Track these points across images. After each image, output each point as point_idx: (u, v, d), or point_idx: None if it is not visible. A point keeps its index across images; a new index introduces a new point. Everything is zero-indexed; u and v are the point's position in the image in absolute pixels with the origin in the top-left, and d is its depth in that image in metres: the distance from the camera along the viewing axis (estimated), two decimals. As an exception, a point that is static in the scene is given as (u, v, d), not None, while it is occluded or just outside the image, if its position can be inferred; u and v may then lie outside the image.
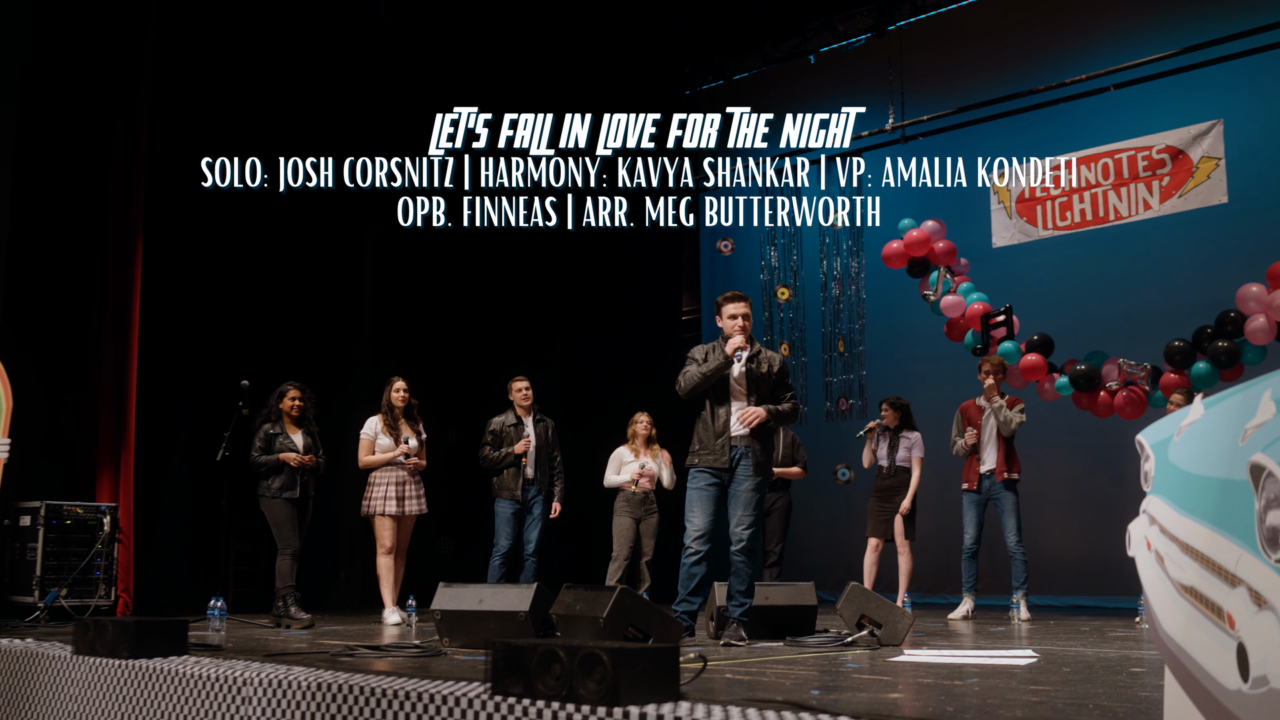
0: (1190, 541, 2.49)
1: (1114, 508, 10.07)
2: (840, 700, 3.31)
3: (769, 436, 5.95)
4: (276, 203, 9.73)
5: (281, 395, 7.74)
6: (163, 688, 4.20)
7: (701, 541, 5.73)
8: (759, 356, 5.94)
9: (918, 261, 10.19)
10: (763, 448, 5.85)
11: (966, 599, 8.38)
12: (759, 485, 5.83)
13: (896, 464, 8.80)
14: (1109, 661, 4.76)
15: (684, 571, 5.72)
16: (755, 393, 5.88)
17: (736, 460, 5.83)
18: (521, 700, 3.14)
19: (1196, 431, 2.64)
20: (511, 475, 8.20)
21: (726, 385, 5.90)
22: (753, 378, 5.88)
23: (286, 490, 7.53)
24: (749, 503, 5.77)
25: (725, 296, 6.07)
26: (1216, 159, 9.74)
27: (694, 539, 5.74)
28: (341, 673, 3.90)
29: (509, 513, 8.18)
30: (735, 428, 5.82)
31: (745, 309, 5.98)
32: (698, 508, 5.79)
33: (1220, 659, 2.32)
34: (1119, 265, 10.35)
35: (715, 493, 5.80)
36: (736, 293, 6.09)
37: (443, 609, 5.60)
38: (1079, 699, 3.38)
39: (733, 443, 5.82)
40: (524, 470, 8.21)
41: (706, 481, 5.81)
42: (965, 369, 10.07)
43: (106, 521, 8.03)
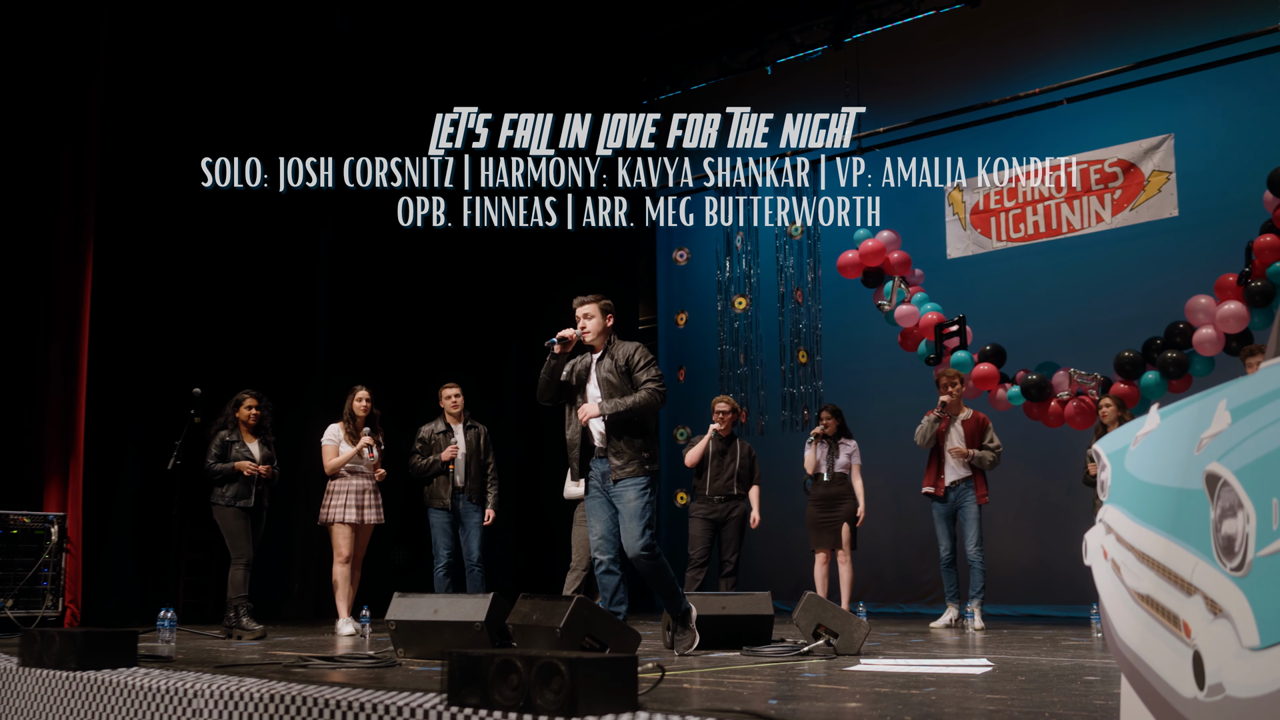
0: (1146, 550, 2.51)
1: (1066, 518, 10.18)
2: (798, 710, 3.30)
3: (631, 433, 5.61)
4: (230, 208, 9.64)
5: (238, 404, 7.64)
6: (111, 700, 4.12)
7: (603, 551, 5.64)
8: (607, 353, 5.72)
9: (873, 271, 10.26)
10: (618, 450, 5.57)
11: (950, 608, 8.46)
12: (638, 488, 5.53)
13: (836, 471, 8.81)
14: (1063, 670, 4.79)
15: (597, 581, 5.69)
16: (606, 392, 5.64)
17: (605, 473, 5.65)
18: (478, 711, 3.11)
19: (1153, 441, 2.66)
20: (441, 484, 8.08)
21: (584, 391, 5.75)
22: (601, 377, 5.68)
23: (241, 499, 7.43)
24: (632, 513, 5.51)
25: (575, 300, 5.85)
26: (1167, 173, 9.89)
27: (595, 549, 5.69)
28: (295, 684, 3.85)
29: (443, 522, 8.08)
30: (595, 439, 5.69)
31: (588, 309, 5.76)
32: (592, 518, 5.72)
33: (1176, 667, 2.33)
34: (1071, 277, 10.48)
35: (604, 499, 5.66)
36: (587, 296, 5.84)
37: (398, 619, 5.55)
38: (1035, 707, 3.40)
39: (596, 452, 5.69)
40: (453, 478, 8.11)
41: (592, 492, 5.73)
42: (921, 379, 10.15)
43: (54, 531, 7.90)
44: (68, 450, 8.32)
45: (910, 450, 9.16)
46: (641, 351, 5.75)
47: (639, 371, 5.64)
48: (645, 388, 5.60)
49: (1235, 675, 1.63)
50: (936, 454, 8.49)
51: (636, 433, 5.64)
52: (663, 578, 5.65)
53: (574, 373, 5.81)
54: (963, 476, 8.35)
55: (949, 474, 8.40)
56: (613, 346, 5.76)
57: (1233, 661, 1.65)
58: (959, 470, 8.37)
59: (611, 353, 5.73)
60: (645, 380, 5.63)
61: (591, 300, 5.80)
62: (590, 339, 5.76)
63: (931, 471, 8.51)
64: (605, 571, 5.65)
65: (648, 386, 5.61)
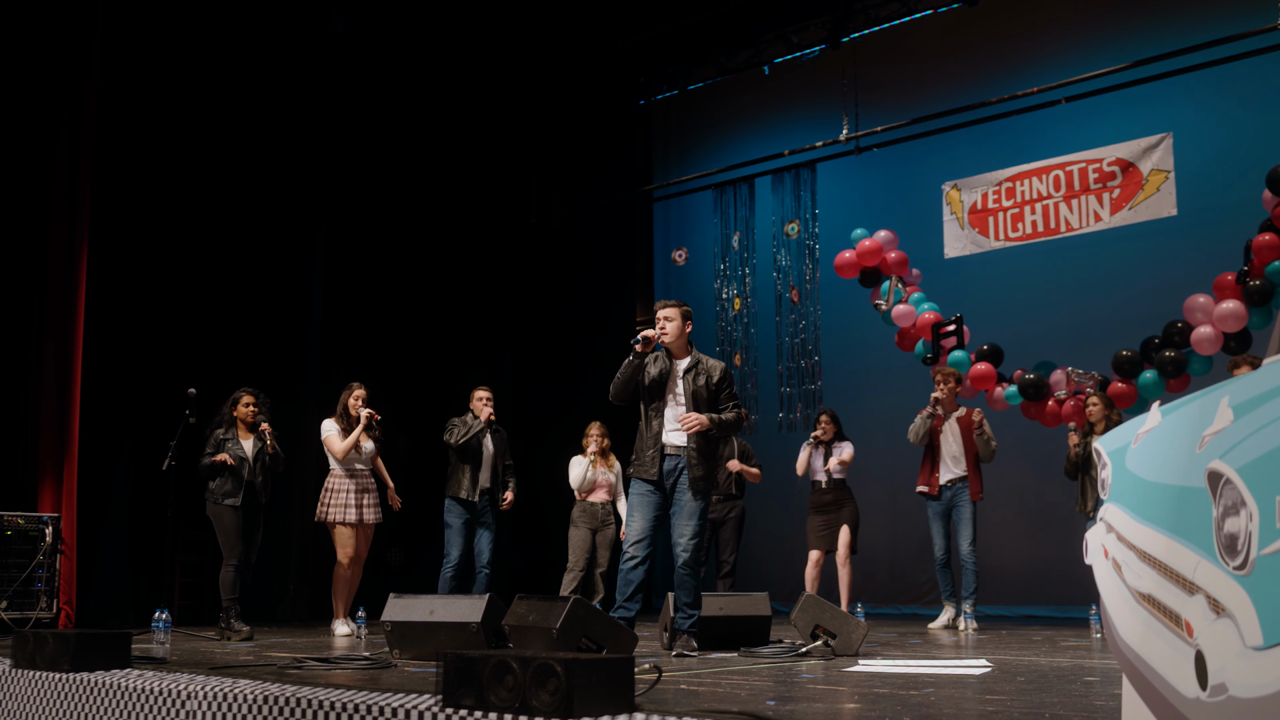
0: (1148, 549, 2.48)
1: (1062, 518, 10.15)
2: (796, 711, 3.28)
3: (711, 445, 5.86)
4: (225, 204, 9.63)
5: (235, 401, 7.62)
6: (105, 701, 4.10)
7: (639, 547, 5.70)
8: (699, 367, 5.88)
9: (870, 271, 10.24)
10: (702, 457, 5.76)
11: (947, 608, 8.42)
12: (701, 496, 5.75)
13: (833, 477, 8.77)
14: (1063, 671, 4.76)
15: (621, 577, 5.72)
16: (694, 402, 5.81)
17: (674, 471, 5.78)
18: (474, 712, 3.09)
19: (1154, 439, 2.63)
20: (467, 472, 8.11)
21: (663, 393, 5.86)
22: (692, 387, 5.82)
23: (229, 497, 7.37)
24: (692, 514, 5.70)
25: (658, 303, 6.04)
26: (1166, 172, 9.87)
27: (632, 544, 5.73)
28: (289, 685, 3.82)
29: (459, 523, 8.07)
30: (671, 437, 5.79)
31: (668, 312, 5.91)
32: (636, 513, 5.78)
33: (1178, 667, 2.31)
34: (1069, 276, 10.46)
35: (655, 499, 5.78)
36: (668, 301, 6.04)
37: (393, 620, 5.53)
38: (1034, 708, 3.37)
39: (668, 452, 5.79)
40: (481, 478, 8.14)
41: (644, 489, 5.81)
42: (918, 379, 10.12)
43: (48, 532, 7.86)
44: (62, 451, 8.28)
45: (908, 451, 9.13)
46: (728, 374, 5.99)
47: (724, 393, 5.88)
48: (734, 410, 5.88)
49: (1238, 675, 1.61)
50: (930, 453, 8.45)
51: (716, 447, 5.95)
52: (694, 582, 5.79)
53: (648, 374, 5.89)
54: (957, 475, 8.32)
55: (943, 473, 8.37)
56: (702, 361, 5.93)
57: (1236, 661, 1.63)
58: (953, 469, 8.34)
59: (703, 368, 5.89)
60: (733, 404, 5.90)
61: (673, 305, 5.97)
62: (668, 341, 5.89)
63: (925, 470, 8.47)
64: (634, 567, 5.70)
65: (736, 409, 5.90)
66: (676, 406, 5.83)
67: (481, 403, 8.30)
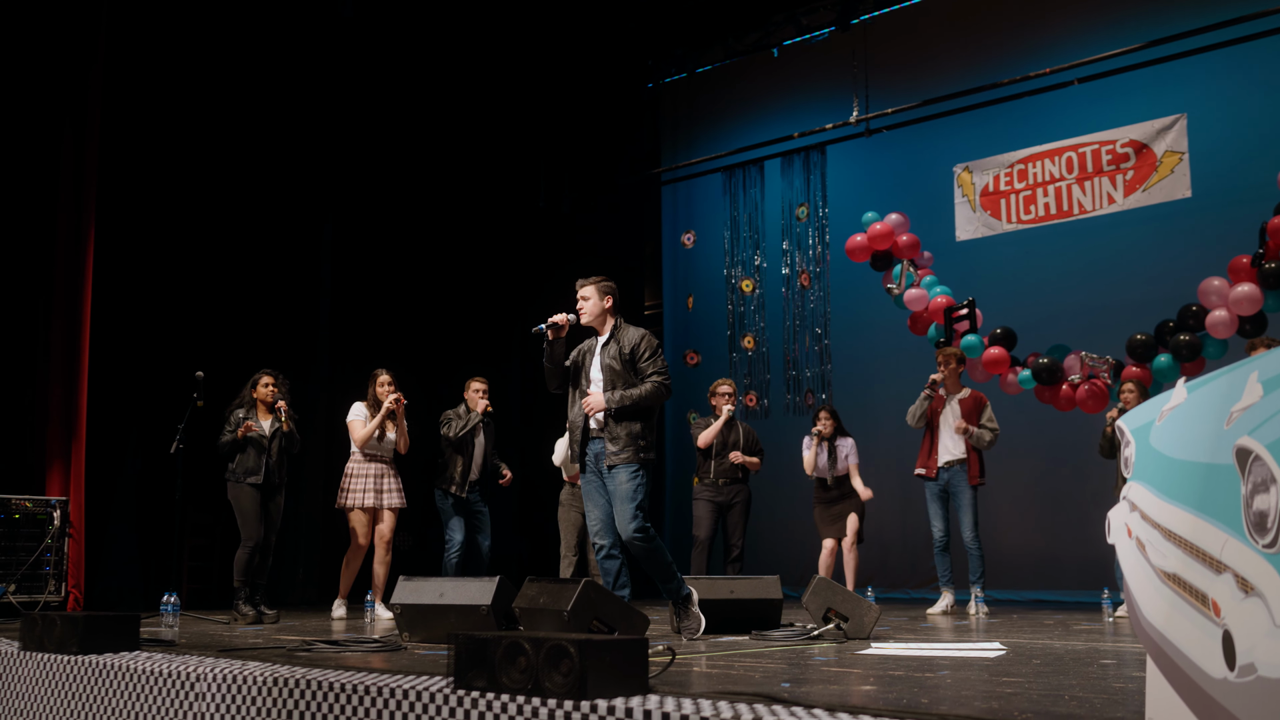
0: (1173, 528, 2.44)
1: (1073, 503, 10.12)
2: (812, 693, 3.24)
3: (627, 417, 5.54)
4: (233, 190, 9.59)
5: (255, 382, 7.65)
6: (113, 684, 4.07)
7: (602, 536, 5.61)
8: (614, 338, 5.64)
9: (881, 255, 10.17)
10: (614, 437, 5.51)
11: (945, 594, 8.33)
12: (628, 475, 5.48)
13: (837, 474, 8.74)
14: (1077, 654, 4.72)
15: (599, 566, 5.66)
16: (608, 376, 5.58)
17: (599, 455, 5.61)
18: (485, 694, 3.05)
19: (1179, 416, 2.58)
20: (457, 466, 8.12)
21: (582, 376, 5.69)
22: (604, 363, 5.60)
23: (251, 475, 7.39)
24: (624, 497, 5.46)
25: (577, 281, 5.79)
26: (1180, 153, 9.78)
27: (594, 535, 5.67)
28: (299, 667, 3.79)
29: (453, 509, 8.12)
30: (592, 420, 5.64)
31: (585, 291, 5.70)
32: (589, 503, 5.69)
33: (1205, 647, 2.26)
34: (1082, 259, 10.39)
35: (597, 484, 5.64)
36: (587, 278, 5.77)
37: (403, 603, 5.49)
38: (1053, 690, 3.33)
39: (591, 435, 5.64)
40: (472, 471, 8.15)
41: (587, 476, 5.69)
42: (928, 363, 10.06)
43: (56, 515, 7.85)
44: (70, 434, 8.26)
45: (917, 435, 9.08)
46: (648, 340, 5.67)
47: (644, 362, 5.59)
48: (651, 380, 5.56)
49: (1268, 655, 1.57)
50: (930, 434, 8.38)
51: (635, 419, 5.58)
52: (657, 560, 5.58)
53: (579, 355, 5.74)
54: (956, 458, 8.22)
55: (941, 455, 8.28)
56: (619, 331, 5.69)
57: (1265, 641, 1.59)
58: (952, 451, 8.25)
59: (617, 338, 5.66)
60: (651, 372, 5.58)
61: (590, 282, 5.73)
62: (587, 320, 5.70)
63: (924, 451, 8.40)
64: (606, 556, 5.61)
65: (654, 379, 5.57)
66: (594, 384, 5.62)
67: (477, 395, 8.27)
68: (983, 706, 2.90)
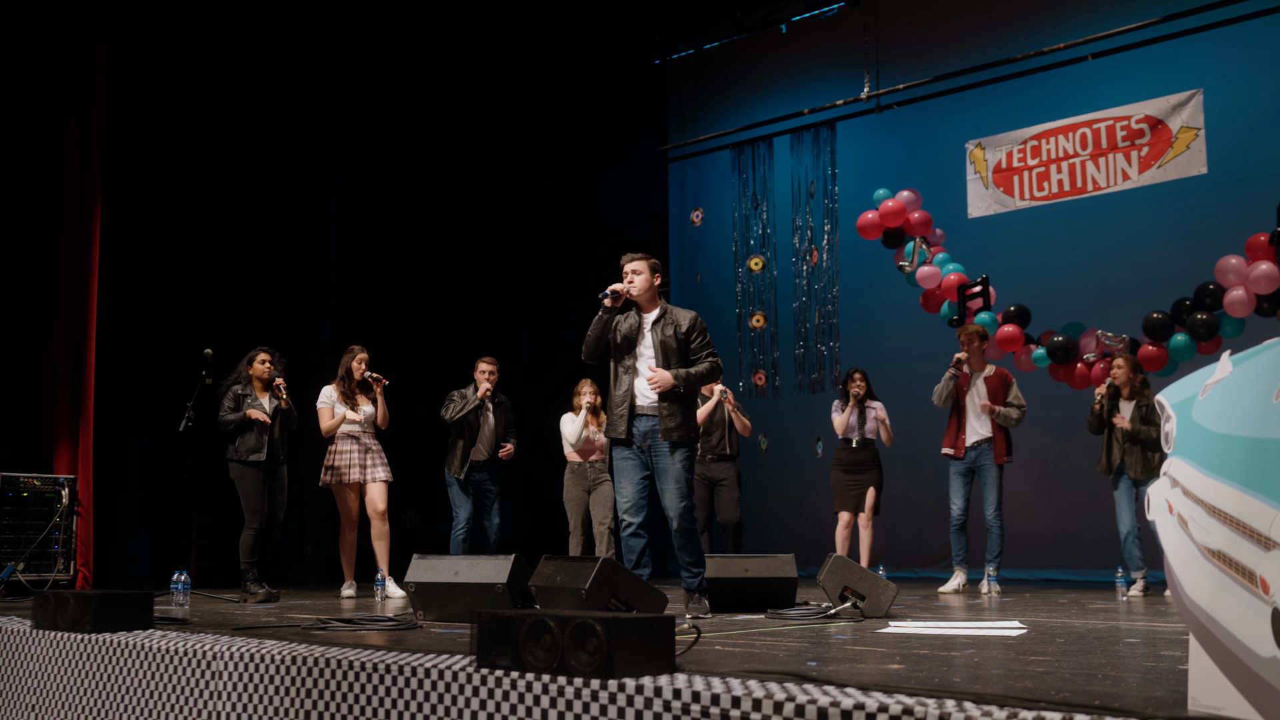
0: (1218, 504, 2.38)
1: (1084, 482, 10.04)
2: (840, 671, 3.19)
3: (682, 401, 5.61)
4: (240, 164, 9.52)
5: (251, 359, 7.58)
6: (128, 662, 4.02)
7: (633, 514, 5.57)
8: (666, 317, 5.66)
9: (893, 232, 10.08)
10: (672, 412, 5.53)
11: (958, 572, 8.27)
12: (682, 455, 5.54)
13: (865, 436, 8.71)
14: (1100, 633, 4.67)
15: (623, 544, 5.62)
16: (663, 354, 5.59)
17: (648, 433, 5.58)
18: (510, 673, 3.00)
19: (1224, 390, 2.52)
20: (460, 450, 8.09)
21: (632, 349, 5.66)
22: (658, 340, 5.61)
23: (254, 453, 7.34)
24: (676, 477, 5.50)
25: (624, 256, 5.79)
26: (1196, 129, 9.67)
27: (624, 511, 5.61)
28: (316, 646, 3.74)
29: (460, 488, 8.10)
30: (642, 396, 5.60)
31: (635, 265, 5.69)
32: (623, 479, 5.64)
33: (1252, 625, 2.21)
34: (1097, 236, 10.29)
35: (635, 462, 5.61)
36: (635, 253, 5.78)
37: (417, 581, 5.45)
38: (1085, 669, 3.28)
39: (639, 412, 5.60)
40: (475, 453, 8.11)
41: (623, 453, 5.65)
42: (938, 340, 9.99)
43: (65, 494, 7.81)
44: (77, 413, 8.21)
45: (927, 414, 9.01)
46: (700, 323, 5.73)
47: (696, 342, 5.65)
48: (708, 360, 5.64)
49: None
50: (957, 413, 8.30)
51: (690, 399, 5.69)
52: (696, 542, 5.63)
53: (618, 331, 5.71)
54: (984, 437, 8.16)
55: (969, 434, 8.22)
56: (670, 311, 5.72)
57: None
58: (979, 430, 8.19)
59: (670, 318, 5.68)
60: (706, 353, 5.66)
61: (640, 257, 5.74)
62: (636, 294, 5.68)
63: (951, 431, 8.33)
64: (633, 534, 5.57)
65: (710, 359, 5.66)
66: (646, 361, 5.63)
67: (483, 376, 8.20)
68: (1018, 685, 2.85)
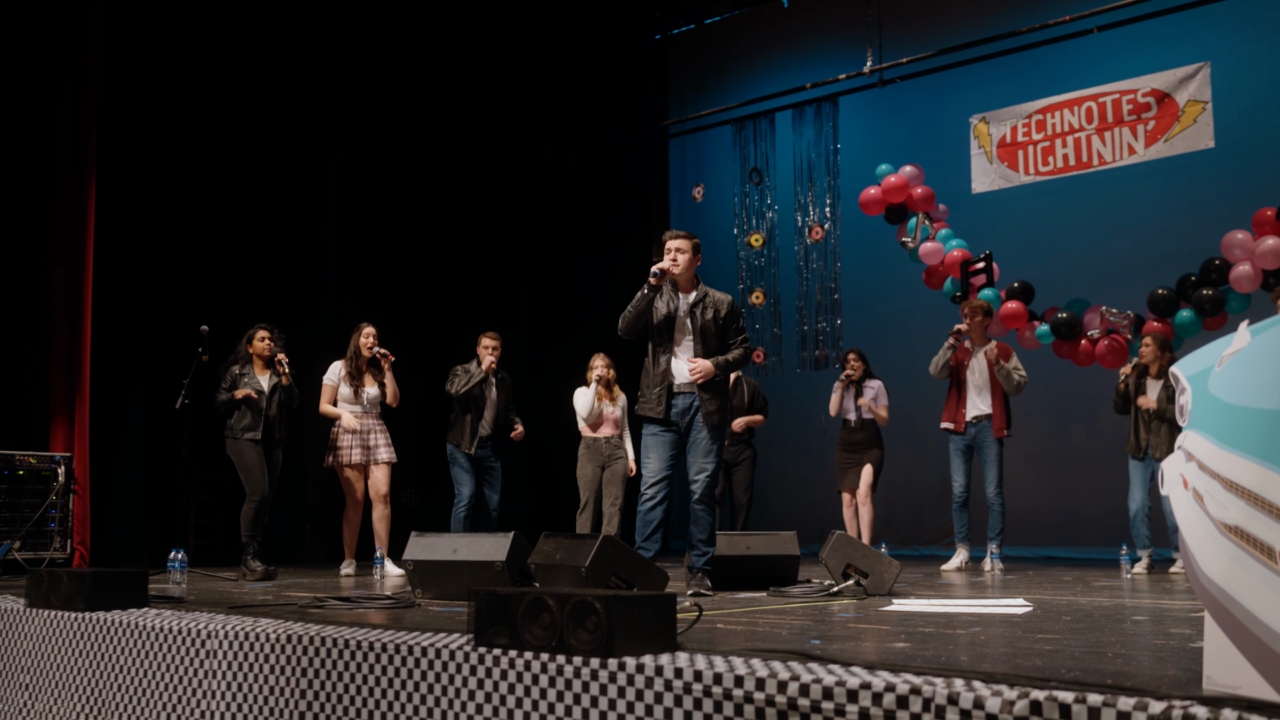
0: (1235, 478, 2.31)
1: (1086, 459, 10.01)
2: (845, 650, 3.13)
3: (722, 386, 5.74)
4: (237, 138, 9.44)
5: (250, 337, 7.52)
6: (122, 640, 3.97)
7: (658, 488, 5.61)
8: (705, 300, 5.72)
9: (896, 208, 10.00)
10: (712, 396, 5.65)
11: (961, 550, 8.22)
12: (716, 433, 5.65)
13: (863, 416, 8.66)
14: (1106, 610, 4.62)
15: (640, 517, 5.63)
16: (702, 338, 5.68)
17: (688, 410, 5.65)
18: (508, 652, 2.94)
19: (1241, 361, 2.45)
20: (468, 424, 8.04)
21: (671, 329, 5.70)
22: (699, 324, 5.68)
23: (249, 431, 7.29)
24: (708, 451, 5.60)
25: (666, 234, 5.85)
26: (1203, 102, 9.58)
27: (648, 485, 5.64)
28: (312, 624, 3.68)
29: (464, 464, 8.06)
30: (680, 375, 5.66)
31: (679, 244, 5.72)
32: (652, 454, 5.67)
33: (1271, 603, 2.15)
34: (1102, 211, 10.20)
35: (668, 438, 5.66)
36: (678, 231, 5.86)
37: (415, 559, 5.39)
38: (1094, 647, 3.22)
39: (677, 390, 5.66)
40: (481, 428, 8.06)
41: (655, 429, 5.69)
42: (940, 317, 9.91)
43: (61, 472, 7.76)
44: (73, 390, 8.15)
45: (928, 391, 8.95)
46: (738, 308, 5.88)
47: (732, 327, 5.78)
48: (744, 346, 5.78)
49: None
50: (956, 387, 8.24)
51: (725, 384, 5.80)
52: (712, 517, 5.72)
53: (657, 310, 5.74)
54: (983, 412, 8.10)
55: (969, 409, 8.16)
56: (709, 295, 5.79)
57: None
58: (979, 406, 8.12)
59: (710, 301, 5.75)
60: (741, 338, 5.77)
61: (684, 236, 5.79)
62: (678, 273, 5.72)
63: (951, 405, 8.26)
64: (652, 508, 5.60)
65: (745, 345, 5.80)
66: (684, 342, 5.70)
67: (486, 351, 8.17)
68: (1026, 664, 2.79)
